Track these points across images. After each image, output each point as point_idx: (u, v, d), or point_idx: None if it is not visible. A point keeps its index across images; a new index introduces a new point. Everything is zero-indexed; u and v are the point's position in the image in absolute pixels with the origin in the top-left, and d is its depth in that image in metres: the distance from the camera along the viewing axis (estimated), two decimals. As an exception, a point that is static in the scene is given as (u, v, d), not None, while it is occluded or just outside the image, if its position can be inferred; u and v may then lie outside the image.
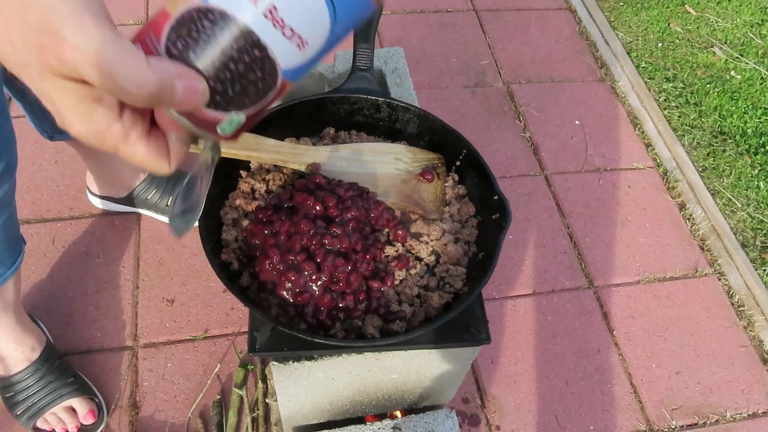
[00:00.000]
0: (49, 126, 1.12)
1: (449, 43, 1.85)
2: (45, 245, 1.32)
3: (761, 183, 1.63)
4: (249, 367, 1.19)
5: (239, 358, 1.21)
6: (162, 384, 1.17)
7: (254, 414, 1.14)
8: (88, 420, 1.09)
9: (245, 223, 0.75)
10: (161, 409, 1.15)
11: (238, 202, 0.77)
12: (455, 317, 0.68)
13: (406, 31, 1.86)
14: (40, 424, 1.07)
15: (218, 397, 1.16)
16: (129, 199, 1.33)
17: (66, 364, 1.12)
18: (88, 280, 1.28)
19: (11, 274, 0.94)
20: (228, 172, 0.79)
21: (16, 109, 1.53)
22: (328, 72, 1.02)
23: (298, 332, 0.65)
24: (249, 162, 0.81)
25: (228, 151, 0.74)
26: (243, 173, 0.80)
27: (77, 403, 1.08)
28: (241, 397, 1.15)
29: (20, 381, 1.06)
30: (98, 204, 1.36)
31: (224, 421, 1.14)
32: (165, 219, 1.35)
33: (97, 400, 1.11)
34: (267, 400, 1.15)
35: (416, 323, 0.72)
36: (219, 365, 1.20)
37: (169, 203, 1.32)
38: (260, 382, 1.17)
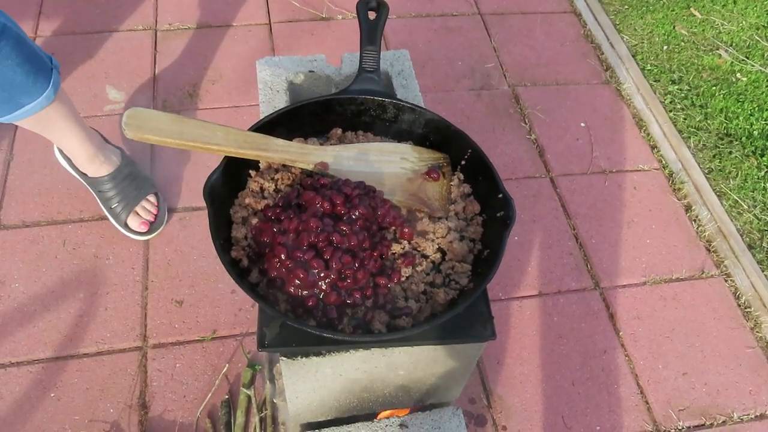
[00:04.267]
0: None
1: (455, 47, 1.86)
2: (55, 247, 1.34)
3: None
4: (257, 367, 1.20)
5: (247, 359, 1.22)
6: (171, 384, 1.18)
7: (262, 414, 1.15)
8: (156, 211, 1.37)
9: (254, 221, 0.77)
10: (170, 408, 1.16)
11: (247, 200, 0.79)
12: (461, 313, 0.69)
13: (412, 35, 1.87)
14: (131, 220, 1.33)
15: (226, 397, 1.17)
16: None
17: (139, 169, 1.39)
18: (98, 281, 1.30)
19: (40, 104, 1.00)
20: (238, 172, 0.80)
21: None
22: (335, 74, 1.03)
23: (307, 327, 0.66)
24: (258, 162, 0.82)
25: (238, 151, 0.75)
26: (252, 173, 0.81)
27: (152, 197, 1.37)
28: (249, 397, 1.16)
29: (112, 179, 1.33)
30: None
31: (232, 420, 1.14)
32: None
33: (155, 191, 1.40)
34: (275, 400, 1.16)
35: (422, 319, 0.72)
36: (227, 365, 1.21)
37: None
38: (268, 382, 1.18)
